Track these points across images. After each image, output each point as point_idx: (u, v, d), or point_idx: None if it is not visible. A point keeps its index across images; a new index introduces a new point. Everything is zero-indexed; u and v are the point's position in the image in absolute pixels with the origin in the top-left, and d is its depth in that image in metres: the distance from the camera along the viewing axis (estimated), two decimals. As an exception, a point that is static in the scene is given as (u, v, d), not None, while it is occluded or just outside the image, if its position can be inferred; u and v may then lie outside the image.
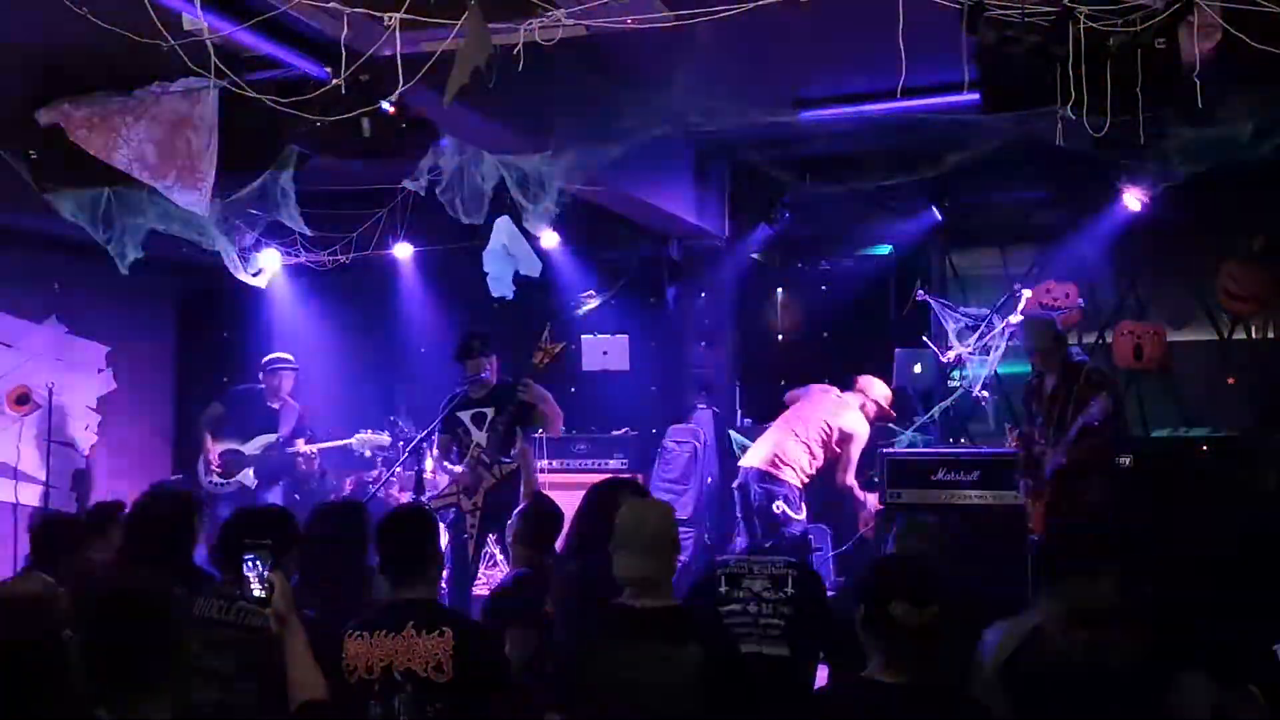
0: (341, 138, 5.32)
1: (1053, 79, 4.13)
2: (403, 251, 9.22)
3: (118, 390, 9.96)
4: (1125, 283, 8.58)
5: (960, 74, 4.28)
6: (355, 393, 9.84)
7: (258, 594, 3.05)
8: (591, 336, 9.32)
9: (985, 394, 8.08)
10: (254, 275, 8.36)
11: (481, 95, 4.40)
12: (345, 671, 3.38)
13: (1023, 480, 6.71)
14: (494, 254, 8.23)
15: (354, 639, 3.42)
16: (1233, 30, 3.93)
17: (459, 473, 6.98)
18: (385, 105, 5.05)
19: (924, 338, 8.40)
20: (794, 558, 4.77)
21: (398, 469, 8.22)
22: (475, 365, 7.10)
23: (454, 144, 6.66)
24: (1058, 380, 6.64)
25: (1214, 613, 4.11)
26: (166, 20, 4.42)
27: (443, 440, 7.21)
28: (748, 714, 3.58)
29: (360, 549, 3.98)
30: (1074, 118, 4.14)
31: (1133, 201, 7.80)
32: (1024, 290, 8.01)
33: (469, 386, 7.13)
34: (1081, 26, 4.04)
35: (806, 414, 7.63)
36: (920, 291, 8.46)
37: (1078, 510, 6.28)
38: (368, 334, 10.08)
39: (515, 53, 4.41)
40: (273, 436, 8.57)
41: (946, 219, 8.56)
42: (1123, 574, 3.48)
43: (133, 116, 5.94)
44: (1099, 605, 3.52)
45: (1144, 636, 3.67)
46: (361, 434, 8.72)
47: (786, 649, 4.27)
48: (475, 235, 7.87)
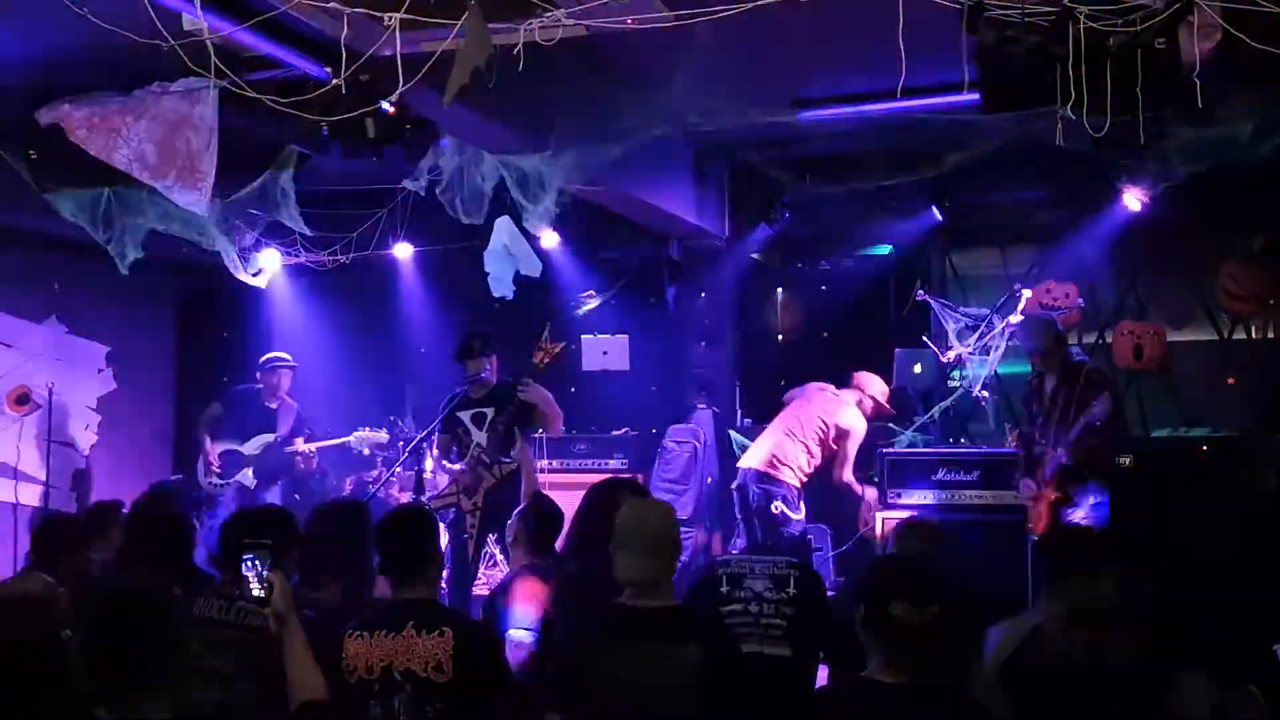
0: (341, 139, 5.32)
1: (1053, 79, 4.13)
2: (403, 251, 9.22)
3: (118, 390, 9.96)
4: (1125, 283, 8.58)
5: (960, 74, 4.28)
6: (356, 393, 9.84)
7: (257, 594, 3.05)
8: (591, 336, 9.32)
9: (985, 394, 8.08)
10: (254, 275, 8.37)
11: (481, 95, 4.40)
12: (345, 671, 3.38)
13: (1023, 480, 6.71)
14: (495, 254, 8.23)
15: (354, 639, 3.42)
16: (1233, 30, 3.93)
17: (458, 471, 6.98)
18: (385, 105, 5.05)
19: (924, 338, 8.39)
20: (795, 558, 4.77)
21: (398, 469, 8.23)
22: (475, 365, 7.09)
23: (454, 144, 6.66)
24: (1058, 380, 6.63)
25: (1214, 613, 4.11)
26: (166, 20, 4.43)
27: (443, 440, 7.20)
28: (748, 714, 3.58)
29: (361, 549, 3.98)
30: (1074, 118, 4.14)
31: (1133, 201, 7.80)
32: (1024, 290, 8.00)
33: (469, 386, 7.12)
34: (1081, 26, 4.04)
35: (803, 413, 7.62)
36: (920, 291, 8.46)
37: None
38: (368, 334, 10.08)
39: (515, 53, 4.41)
40: (271, 436, 8.56)
41: (946, 219, 8.56)
42: (1123, 574, 3.49)
43: (133, 116, 5.94)
44: (1099, 605, 3.52)
45: (1144, 636, 3.67)
46: (360, 431, 8.73)
47: (788, 649, 4.27)
48: (475, 235, 7.87)
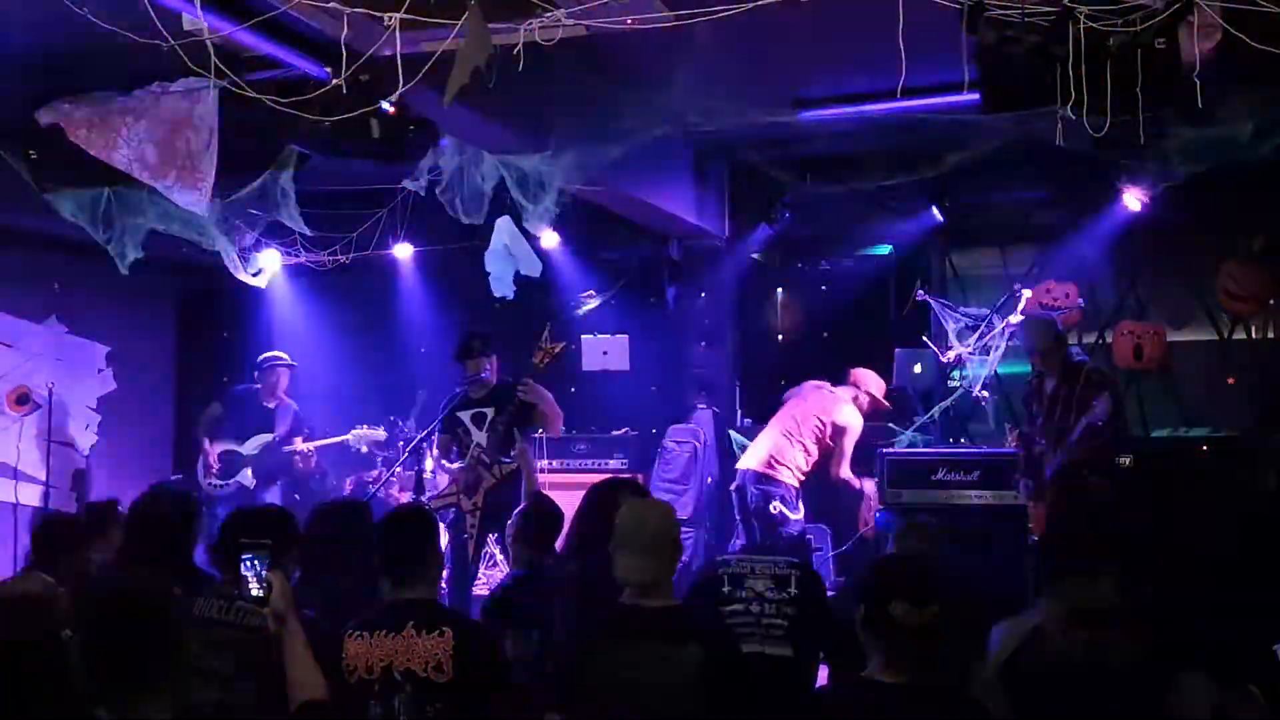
0: (345, 139, 5.32)
1: (1053, 79, 4.13)
2: (403, 251, 9.22)
3: (118, 390, 9.95)
4: (1125, 283, 8.58)
5: (960, 74, 4.28)
6: (356, 393, 9.83)
7: (256, 593, 3.05)
8: (591, 336, 9.32)
9: (985, 394, 8.08)
10: (254, 275, 8.36)
11: (481, 95, 4.40)
12: (345, 671, 3.38)
13: (1023, 480, 6.71)
14: (496, 254, 8.22)
15: (354, 639, 3.42)
16: (1233, 30, 3.93)
17: (457, 470, 6.98)
18: (385, 105, 5.05)
19: (924, 338, 8.39)
20: (796, 558, 4.77)
21: (398, 469, 8.23)
22: (475, 365, 7.10)
23: (454, 144, 6.65)
24: (1058, 380, 6.63)
25: (1214, 613, 4.11)
26: (166, 20, 4.43)
27: (442, 440, 7.21)
28: (748, 714, 3.58)
29: (362, 548, 3.97)
30: (1074, 118, 4.13)
31: (1133, 201, 7.80)
32: (1024, 290, 8.01)
33: (469, 386, 7.12)
34: (1081, 26, 4.04)
35: (799, 412, 7.64)
36: (920, 291, 8.46)
37: (1079, 510, 6.29)
38: (368, 334, 10.07)
39: (515, 53, 4.41)
40: (269, 436, 8.56)
41: (946, 219, 8.56)
42: (1123, 574, 3.49)
43: (133, 116, 5.94)
44: (1099, 605, 3.53)
45: (1144, 636, 3.67)
46: (358, 429, 8.73)
47: (789, 649, 4.26)
48: (475, 235, 7.87)
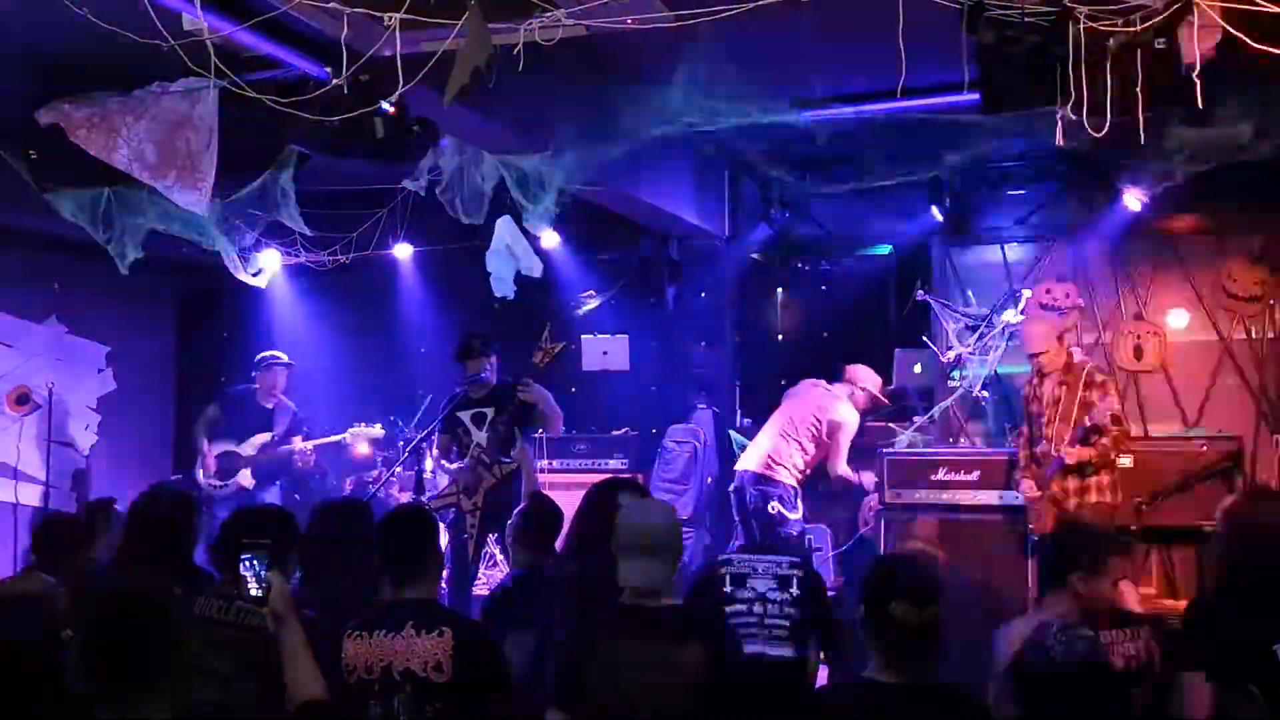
0: (347, 139, 5.32)
1: (1053, 79, 4.13)
2: (403, 251, 9.22)
3: (118, 390, 9.95)
4: (1125, 283, 8.58)
5: (960, 74, 4.28)
6: (356, 394, 9.82)
7: (255, 593, 3.05)
8: (591, 336, 9.32)
9: (985, 394, 8.08)
10: (254, 275, 8.36)
11: (481, 95, 4.40)
12: (345, 671, 3.38)
13: (1023, 480, 6.70)
14: (498, 254, 8.21)
15: (353, 639, 3.42)
16: (1233, 30, 3.93)
17: (457, 470, 6.98)
18: (385, 105, 5.05)
19: (924, 338, 8.40)
20: (798, 558, 4.76)
21: (398, 469, 8.23)
22: (475, 365, 7.09)
23: (454, 144, 6.65)
24: (1058, 380, 6.63)
25: (1214, 613, 4.10)
26: (166, 20, 4.43)
27: (442, 440, 7.20)
28: (749, 714, 3.58)
29: (363, 548, 3.97)
30: (1074, 118, 4.13)
31: (1133, 201, 7.79)
32: (1024, 290, 8.01)
33: (469, 386, 7.12)
34: (1081, 26, 4.04)
35: (795, 411, 7.65)
36: (920, 291, 8.46)
37: (1080, 511, 6.28)
38: (368, 334, 10.07)
39: (515, 53, 4.41)
40: (268, 436, 8.55)
41: (946, 219, 8.56)
42: (1123, 574, 3.49)
43: (133, 116, 5.94)
44: (1101, 605, 3.53)
45: (1145, 637, 3.68)
46: (355, 427, 8.71)
47: (792, 650, 4.26)
48: (475, 235, 7.86)
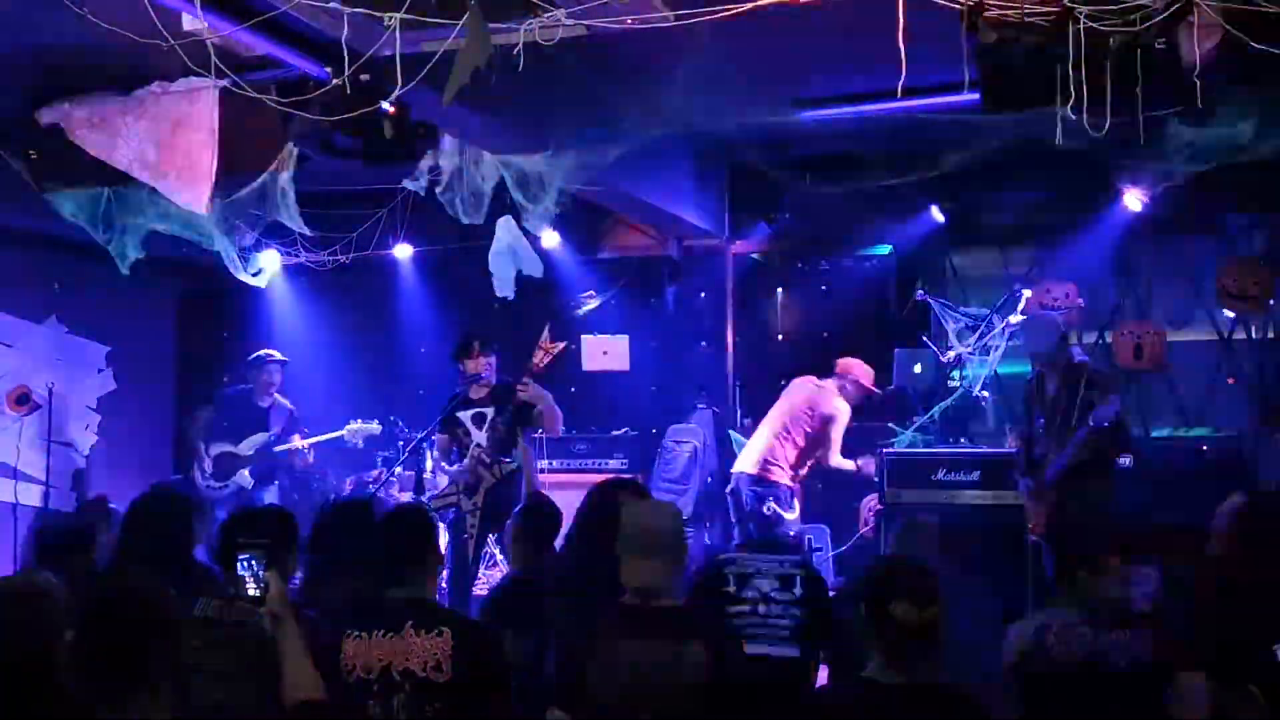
0: (346, 139, 5.32)
1: (1053, 79, 4.13)
2: (403, 251, 9.23)
3: (118, 390, 9.95)
4: (1125, 283, 8.59)
5: (960, 74, 4.27)
6: (356, 394, 9.83)
7: (253, 593, 3.05)
8: (591, 336, 9.32)
9: (985, 394, 8.08)
10: (254, 275, 8.36)
11: (481, 95, 4.40)
12: (344, 671, 3.38)
13: (1023, 481, 6.70)
14: (500, 254, 8.21)
15: (352, 639, 3.42)
16: (1233, 30, 3.93)
17: (457, 470, 6.98)
18: (385, 105, 5.05)
19: (924, 338, 8.40)
20: (799, 557, 4.76)
21: (398, 469, 8.23)
22: (475, 365, 7.09)
23: (454, 144, 6.65)
24: (1059, 381, 6.62)
25: (1214, 613, 4.10)
26: (166, 20, 4.43)
27: (442, 441, 7.20)
28: (750, 713, 3.58)
29: (369, 548, 3.96)
30: (1074, 118, 4.13)
31: (1133, 201, 7.80)
32: (1024, 290, 8.01)
33: (468, 387, 7.12)
34: (1081, 26, 4.04)
35: (787, 410, 7.71)
36: (920, 291, 8.46)
37: (1081, 511, 6.28)
38: (368, 334, 10.08)
39: (515, 53, 4.41)
40: (265, 435, 8.54)
41: (946, 219, 8.56)
42: (1124, 573, 3.49)
43: (133, 116, 5.94)
44: (1102, 605, 3.52)
45: (1145, 636, 3.67)
46: (352, 424, 8.70)
47: (795, 650, 4.26)
48: (475, 235, 7.87)
